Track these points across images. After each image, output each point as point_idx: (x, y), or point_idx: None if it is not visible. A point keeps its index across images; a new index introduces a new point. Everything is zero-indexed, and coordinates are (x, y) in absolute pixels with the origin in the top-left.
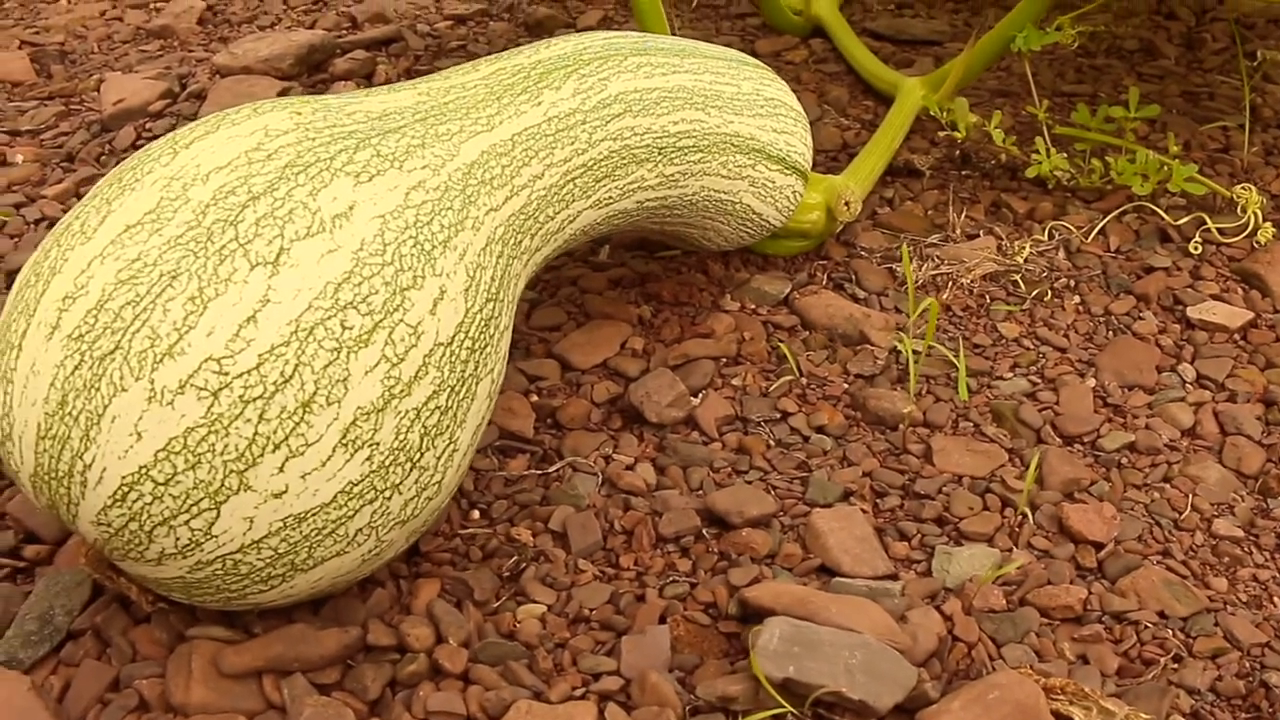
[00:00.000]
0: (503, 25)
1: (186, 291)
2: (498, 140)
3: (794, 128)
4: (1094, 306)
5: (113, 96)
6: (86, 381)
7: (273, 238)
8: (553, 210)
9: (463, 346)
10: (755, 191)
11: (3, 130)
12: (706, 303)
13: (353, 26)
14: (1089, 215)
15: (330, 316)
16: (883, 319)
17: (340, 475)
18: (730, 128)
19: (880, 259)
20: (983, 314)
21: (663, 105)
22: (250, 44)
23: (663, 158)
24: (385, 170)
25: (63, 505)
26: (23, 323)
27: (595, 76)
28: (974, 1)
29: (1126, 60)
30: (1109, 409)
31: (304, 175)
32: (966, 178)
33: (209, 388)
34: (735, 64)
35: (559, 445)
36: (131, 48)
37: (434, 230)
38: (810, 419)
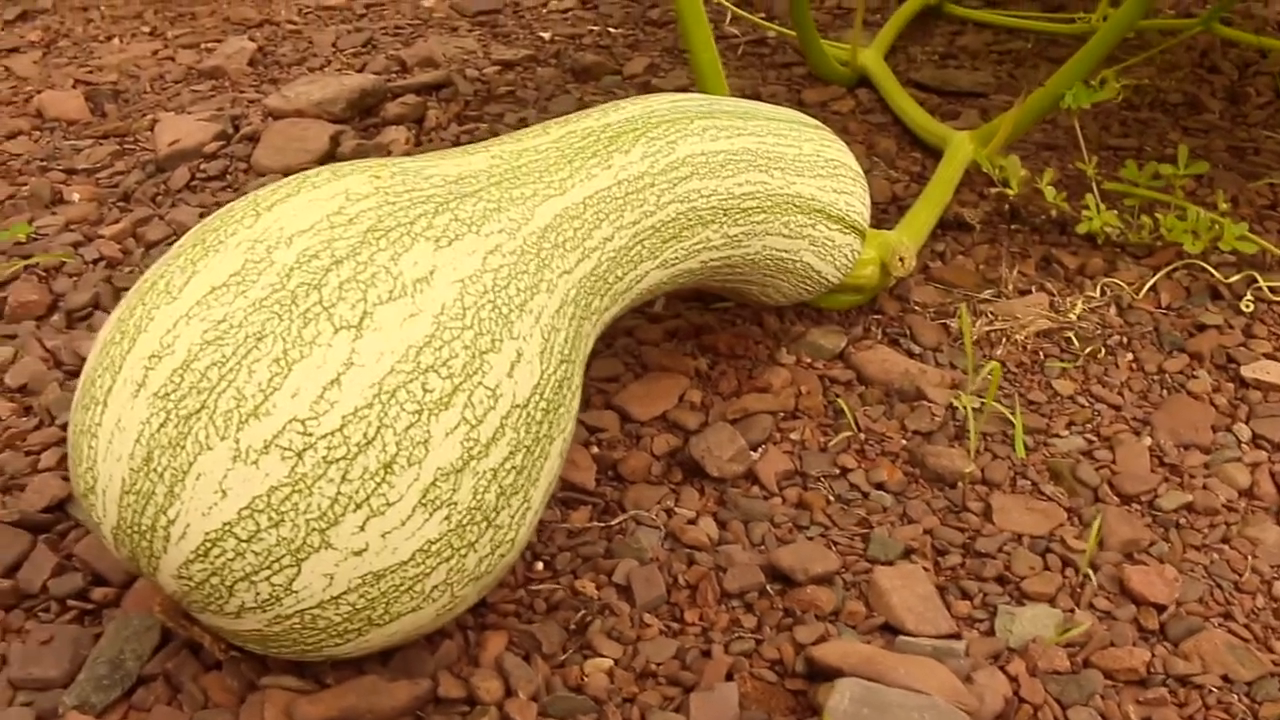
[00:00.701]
0: (550, 71)
1: (272, 353)
2: (570, 203)
3: (853, 187)
4: (1147, 364)
5: (167, 137)
6: (172, 439)
7: (356, 301)
8: (622, 271)
9: (538, 408)
10: (815, 250)
11: (59, 168)
12: (763, 356)
13: (402, 70)
14: (1139, 271)
15: (412, 379)
16: (938, 375)
17: (419, 534)
18: (792, 189)
19: (934, 314)
20: (1037, 370)
21: (728, 168)
22: (302, 87)
23: (727, 219)
24: (463, 235)
25: (144, 558)
26: (108, 379)
27: (663, 140)
28: (1017, 53)
29: (1171, 114)
30: (1166, 468)
31: (385, 240)
32: (1016, 232)
33: (293, 448)
34: (796, 125)
35: (620, 497)
36: (183, 87)
37: (511, 294)
38: (869, 475)
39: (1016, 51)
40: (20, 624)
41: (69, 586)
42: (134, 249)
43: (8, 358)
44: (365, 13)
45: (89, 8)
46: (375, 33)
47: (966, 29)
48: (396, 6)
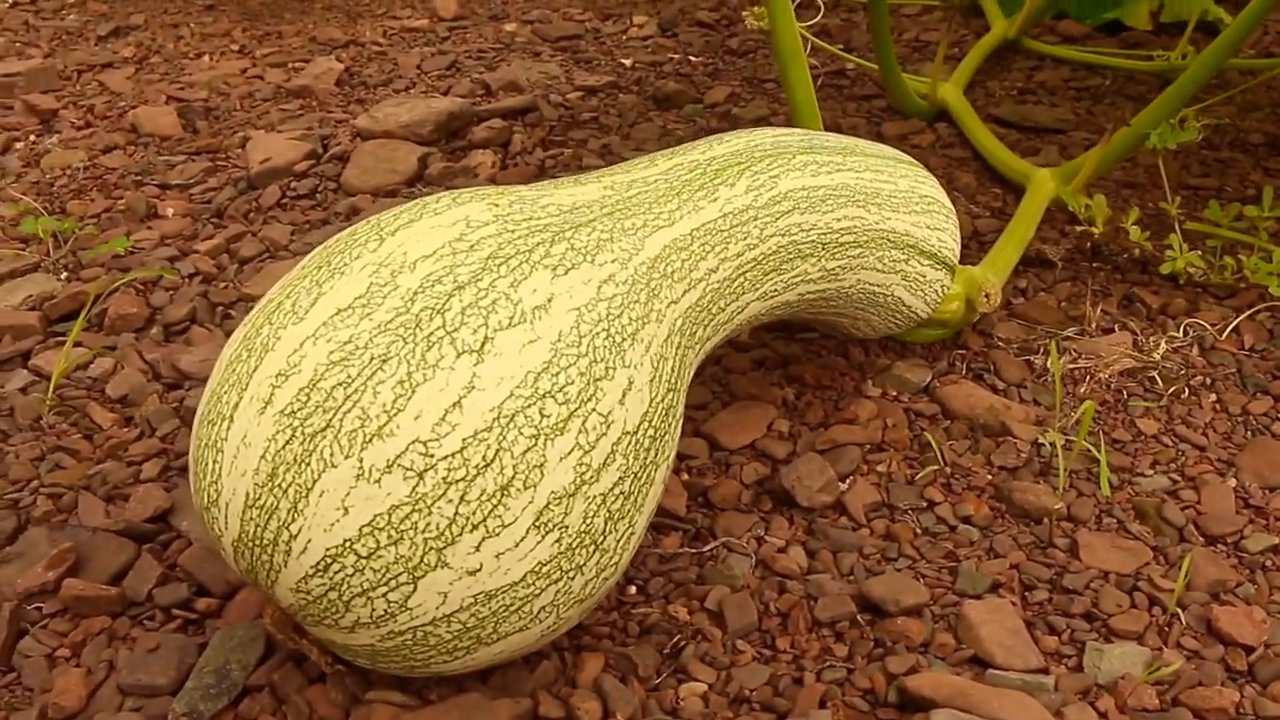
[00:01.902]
0: (632, 98)
1: (396, 375)
2: (678, 235)
3: (945, 224)
4: (1231, 406)
5: (259, 155)
6: (297, 456)
7: (478, 326)
8: (724, 302)
9: (646, 435)
10: (907, 285)
11: (154, 183)
12: (849, 387)
13: (487, 94)
14: (1222, 312)
15: (530, 404)
16: (1023, 411)
17: (531, 556)
18: (888, 224)
19: (1017, 350)
20: (1121, 409)
21: (828, 203)
22: (391, 108)
23: (825, 253)
24: (579, 264)
25: (263, 571)
26: (235, 396)
27: (767, 174)
28: (1095, 90)
29: (1252, 154)
30: (1251, 510)
31: (505, 267)
32: (1098, 270)
33: (415, 468)
34: (892, 162)
35: (711, 524)
36: (272, 106)
37: (624, 323)
38: (956, 509)
39: (1095, 88)
40: (127, 630)
41: (174, 596)
42: (228, 265)
43: (108, 369)
44: (449, 35)
45: (179, 25)
46: (459, 56)
47: (1044, 65)
48: (479, 30)
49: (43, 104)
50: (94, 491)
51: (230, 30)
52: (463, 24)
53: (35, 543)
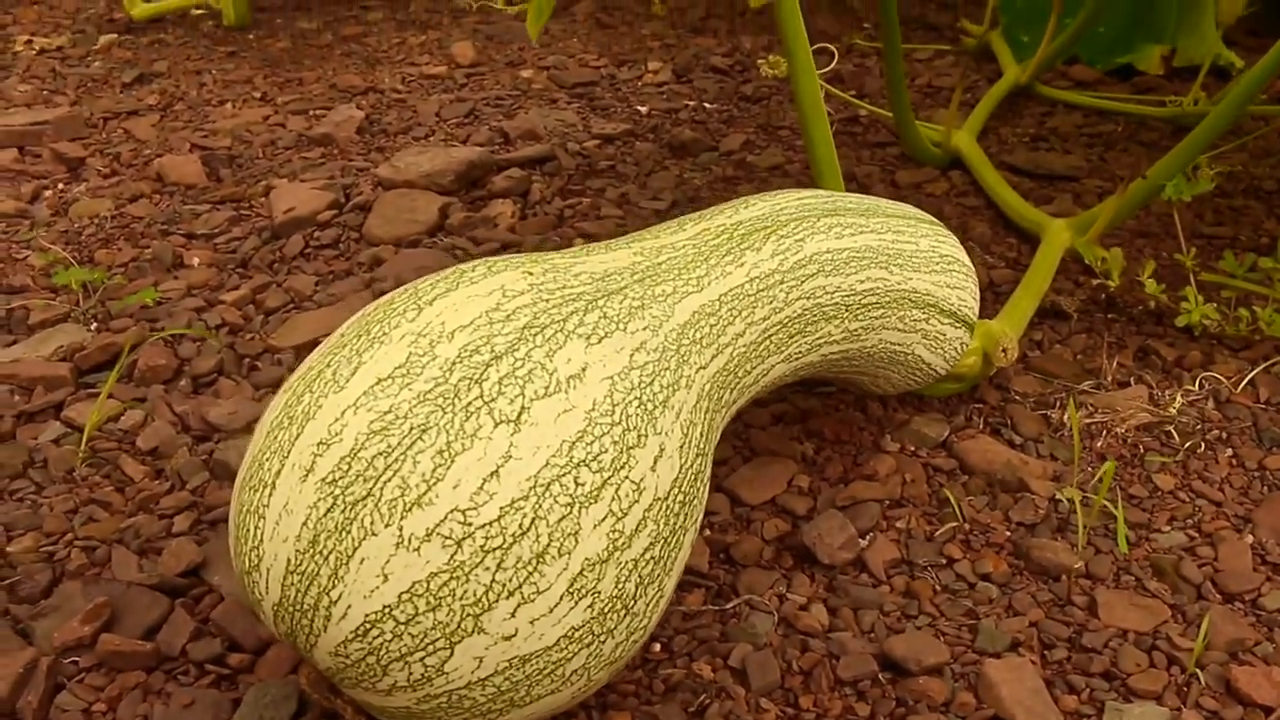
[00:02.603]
0: (648, 146)
1: (435, 445)
2: (707, 300)
3: (965, 283)
4: (1248, 461)
5: (283, 204)
6: (338, 524)
7: (514, 397)
8: (750, 365)
9: (676, 500)
10: (927, 343)
11: (180, 232)
12: (867, 442)
13: (505, 142)
14: (1237, 365)
15: (565, 473)
16: (1040, 467)
17: (564, 621)
18: (909, 284)
19: (1034, 404)
20: (1137, 464)
21: (851, 265)
22: (412, 158)
23: (849, 314)
24: (612, 332)
25: (302, 635)
26: (276, 463)
27: (792, 238)
28: (1108, 136)
29: (1265, 201)
30: (1268, 567)
31: (541, 336)
32: (1113, 321)
33: (453, 537)
34: (913, 221)
35: (734, 581)
36: (294, 154)
37: (655, 390)
38: (975, 566)
39: (1107, 134)
40: (161, 685)
41: (207, 651)
42: (253, 315)
43: (139, 421)
44: (466, 82)
45: (202, 72)
46: (477, 103)
47: (1056, 110)
48: (496, 77)
49: (70, 152)
50: (127, 545)
51: (252, 77)
52: (480, 70)
53: (70, 596)
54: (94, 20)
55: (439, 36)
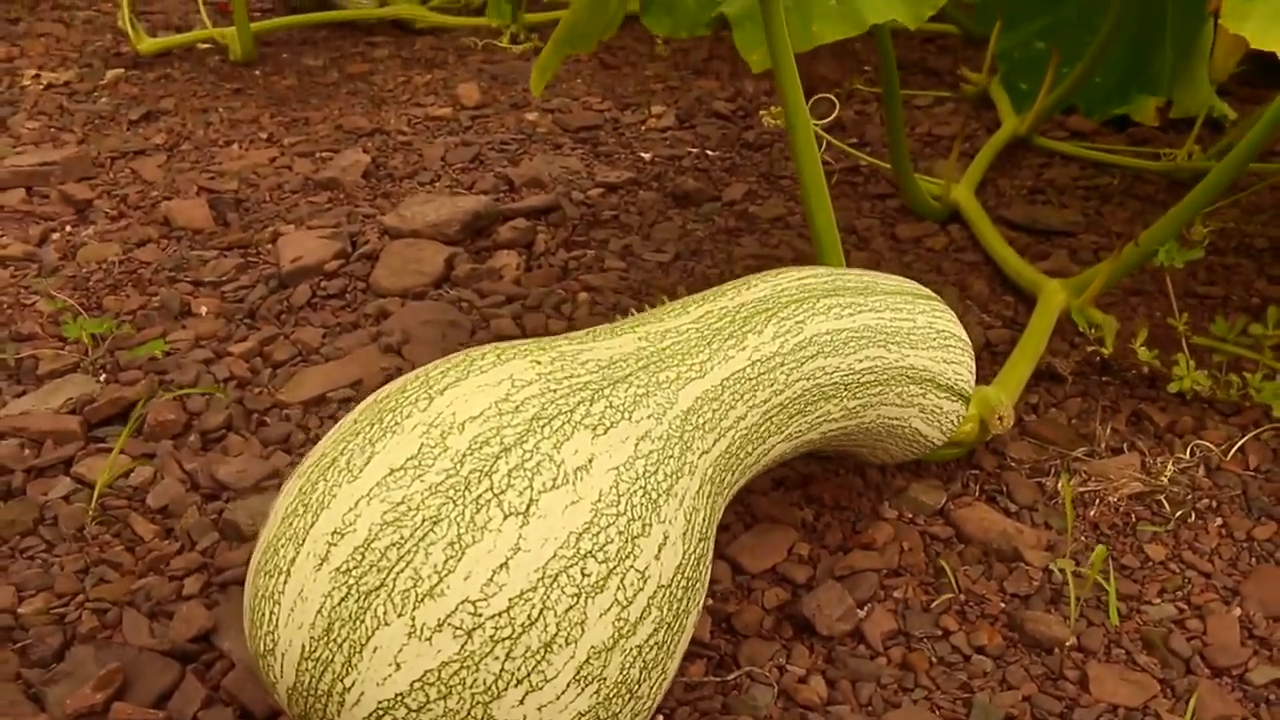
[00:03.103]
0: (651, 195)
1: (447, 537)
2: (709, 386)
3: (961, 357)
4: (1236, 530)
5: (290, 253)
6: (352, 613)
7: (523, 489)
8: (751, 447)
9: (679, 586)
10: (924, 417)
11: (187, 280)
12: (866, 509)
13: (510, 189)
14: (1227, 431)
15: (572, 564)
16: (1035, 536)
17: (571, 707)
18: (907, 361)
19: (1029, 471)
20: (1129, 533)
21: (850, 345)
22: (418, 206)
23: (847, 393)
24: (618, 422)
25: (317, 718)
26: (291, 550)
27: (792, 320)
28: (1104, 189)
29: (1256, 260)
30: (1255, 641)
31: (549, 428)
32: (1107, 384)
33: (464, 627)
34: (911, 298)
35: (735, 652)
36: (301, 198)
37: (659, 479)
38: (970, 638)
39: (1103, 187)
40: None
41: None
42: (261, 368)
43: (148, 478)
44: (471, 124)
45: (208, 110)
46: (482, 147)
47: (1054, 162)
48: (501, 120)
49: (78, 194)
50: (138, 608)
51: (258, 116)
52: (485, 112)
53: (82, 661)
54: (101, 54)
55: (444, 76)
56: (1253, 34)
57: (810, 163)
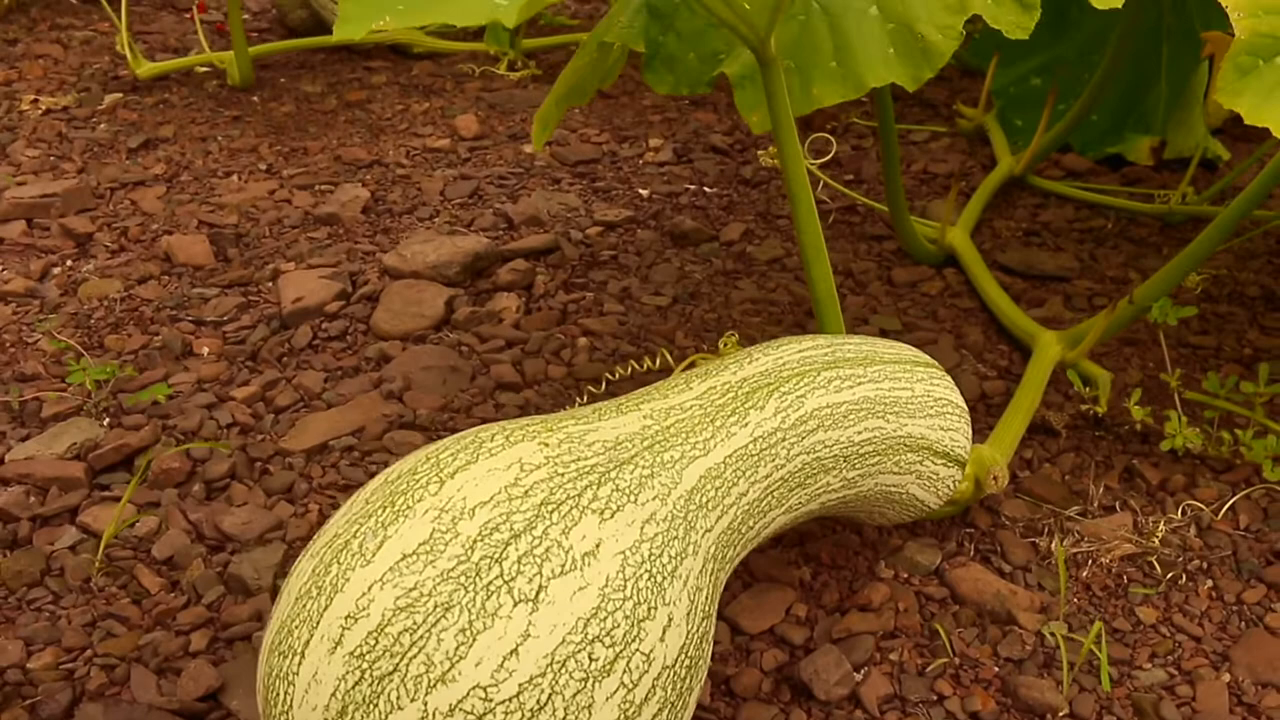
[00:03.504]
0: (650, 234)
1: (458, 624)
2: (713, 464)
3: (957, 424)
4: (1226, 593)
5: (291, 293)
6: (366, 697)
7: (532, 575)
8: (753, 521)
9: (682, 665)
10: (920, 483)
11: (189, 319)
12: (863, 568)
13: (509, 227)
14: (1219, 489)
15: (580, 650)
16: (1028, 598)
17: None
18: (905, 430)
19: (1023, 530)
20: (1121, 595)
21: (850, 418)
22: (418, 246)
23: (847, 464)
24: (624, 505)
25: None
26: (305, 632)
27: (793, 395)
28: (1098, 232)
29: (1249, 308)
30: (1244, 708)
31: (557, 514)
32: (1100, 439)
33: (474, 712)
34: (909, 366)
35: (734, 715)
36: (300, 233)
37: (664, 562)
38: (965, 703)
39: (1098, 230)
40: None
41: None
42: (264, 414)
43: (153, 528)
44: (469, 156)
45: (207, 139)
46: (481, 181)
47: (1049, 203)
48: (499, 152)
49: (78, 227)
50: (145, 663)
51: (257, 146)
52: (483, 144)
53: (92, 719)
54: (99, 77)
55: (442, 104)
56: (1247, 110)
57: (812, 234)
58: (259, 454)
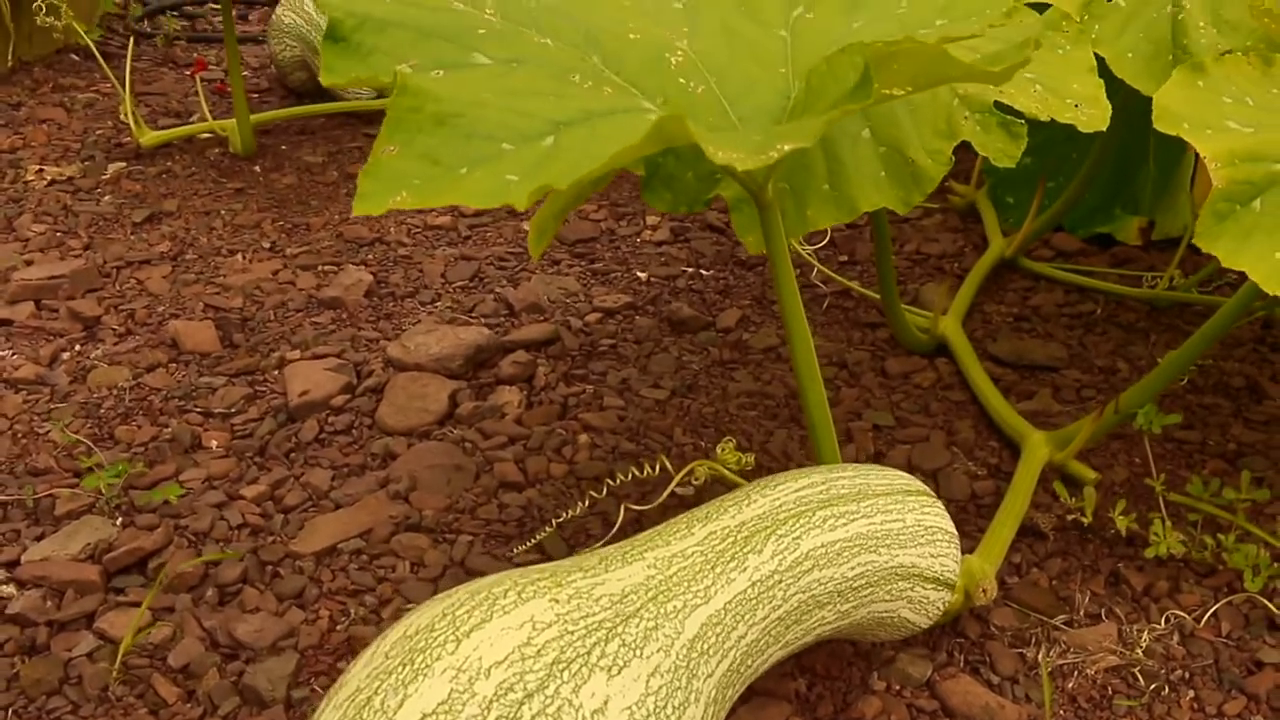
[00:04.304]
0: (648, 321)
1: None
2: (713, 610)
3: (947, 549)
4: (1208, 705)
5: (297, 386)
6: None
7: None
8: (751, 660)
9: None
10: (911, 607)
11: (197, 410)
12: (856, 679)
13: (510, 313)
14: (1201, 595)
15: None
16: (1016, 711)
17: None
18: (896, 560)
19: (1011, 639)
20: (1105, 706)
21: (844, 555)
22: (421, 337)
23: (841, 598)
24: (630, 660)
25: None
26: None
27: (789, 537)
28: (1087, 318)
29: (1234, 399)
30: None
31: (567, 672)
32: (1087, 542)
33: None
34: (900, 496)
35: None
36: (305, 317)
37: (668, 713)
38: None
39: (1086, 316)
40: None
41: None
42: (273, 513)
43: (168, 635)
44: (470, 234)
45: (211, 213)
46: (482, 263)
47: (1039, 286)
48: (499, 229)
49: (85, 310)
50: None
51: (260, 222)
52: (483, 222)
53: None
54: (102, 144)
55: None
56: (1224, 254)
57: (807, 364)
58: (269, 557)
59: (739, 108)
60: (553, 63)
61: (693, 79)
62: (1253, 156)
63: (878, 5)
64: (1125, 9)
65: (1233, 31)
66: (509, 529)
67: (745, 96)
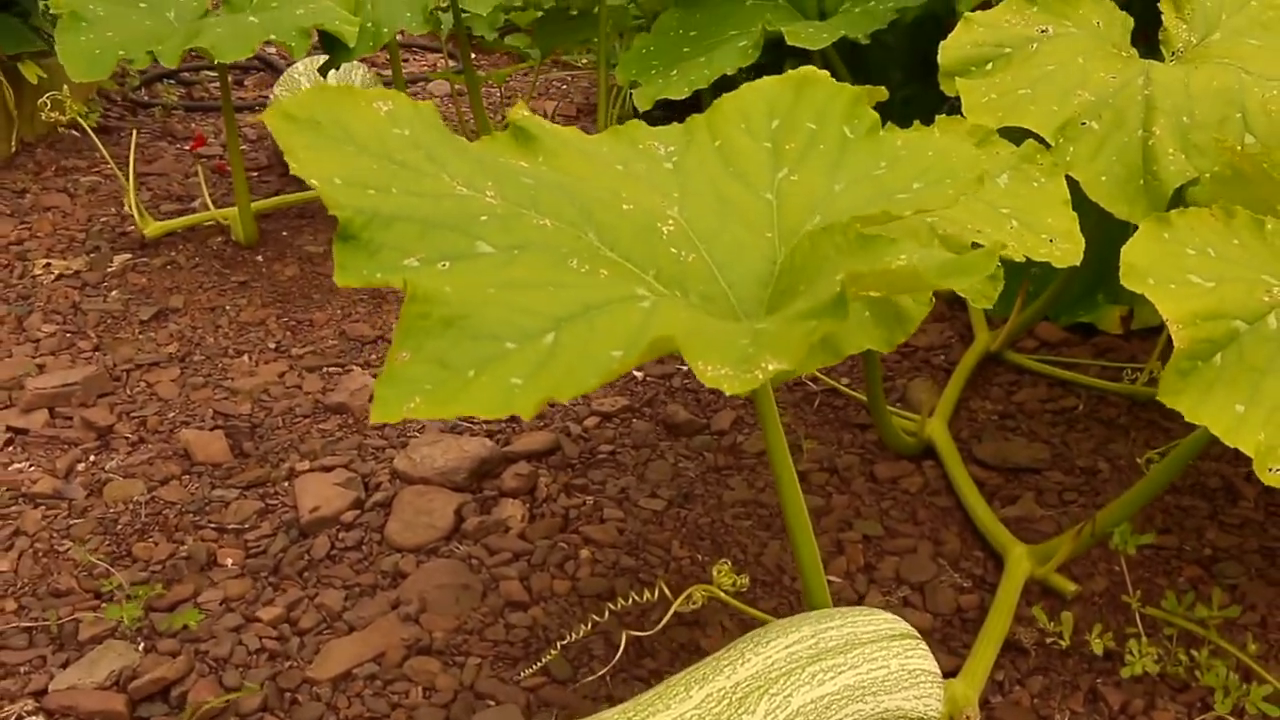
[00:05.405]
0: (645, 425)
1: None
2: None
3: (931, 690)
4: None
5: (308, 502)
6: None
7: None
8: None
9: None
10: None
11: (211, 525)
12: None
13: (511, 418)
14: (1175, 711)
15: None
16: None
17: None
18: (882, 705)
19: None
20: None
21: (833, 708)
22: (426, 450)
23: None
24: None
25: None
26: None
27: (781, 695)
28: (1070, 413)
29: (1209, 500)
30: None
31: None
32: (1067, 657)
33: None
34: (886, 642)
35: None
36: (312, 424)
37: None
38: None
39: (1069, 411)
40: None
41: None
42: (289, 636)
43: None
44: None
45: (216, 308)
46: None
47: (1023, 380)
48: None
49: (98, 419)
50: None
51: (265, 319)
52: None
53: None
54: (107, 233)
55: None
56: (1187, 409)
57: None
58: (287, 684)
59: (728, 273)
60: (552, 247)
61: (684, 248)
62: (1213, 315)
63: (858, 166)
64: (1099, 132)
65: (1200, 156)
66: (515, 650)
67: (734, 263)
